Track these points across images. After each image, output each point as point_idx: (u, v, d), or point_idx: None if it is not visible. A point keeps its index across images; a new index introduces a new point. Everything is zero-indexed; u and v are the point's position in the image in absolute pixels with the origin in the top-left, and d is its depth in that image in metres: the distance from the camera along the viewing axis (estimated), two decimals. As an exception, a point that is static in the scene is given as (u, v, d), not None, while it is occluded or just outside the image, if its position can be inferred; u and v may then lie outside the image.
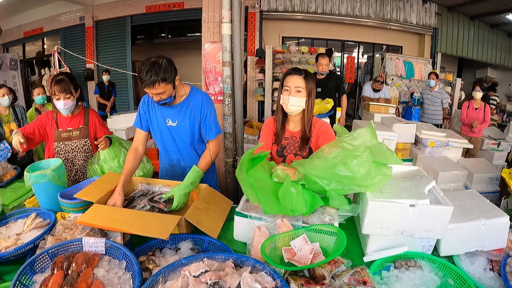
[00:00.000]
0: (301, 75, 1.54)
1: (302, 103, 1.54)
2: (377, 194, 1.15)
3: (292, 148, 1.64)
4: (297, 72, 1.56)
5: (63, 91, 1.88)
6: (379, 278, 1.07)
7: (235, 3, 2.48)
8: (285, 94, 1.55)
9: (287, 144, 1.65)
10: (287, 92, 1.54)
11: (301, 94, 1.53)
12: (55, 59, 4.97)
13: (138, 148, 1.74)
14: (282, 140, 1.66)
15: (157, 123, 1.72)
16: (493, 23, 7.47)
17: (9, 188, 1.80)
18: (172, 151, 1.78)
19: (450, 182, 2.49)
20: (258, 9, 6.38)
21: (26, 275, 0.99)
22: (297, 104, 1.53)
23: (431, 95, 4.90)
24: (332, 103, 2.98)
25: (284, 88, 1.56)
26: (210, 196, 1.46)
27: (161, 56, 1.51)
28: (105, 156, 1.91)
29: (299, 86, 1.53)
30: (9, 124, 3.04)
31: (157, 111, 1.71)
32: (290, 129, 1.67)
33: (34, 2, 7.31)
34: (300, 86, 1.53)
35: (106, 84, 6.07)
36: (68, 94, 1.90)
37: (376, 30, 7.10)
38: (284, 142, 1.66)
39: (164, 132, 1.73)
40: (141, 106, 1.75)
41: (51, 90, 1.90)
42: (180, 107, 1.68)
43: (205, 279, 0.88)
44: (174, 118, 1.70)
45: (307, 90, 1.54)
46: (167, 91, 1.53)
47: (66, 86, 1.88)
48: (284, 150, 1.65)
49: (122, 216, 1.22)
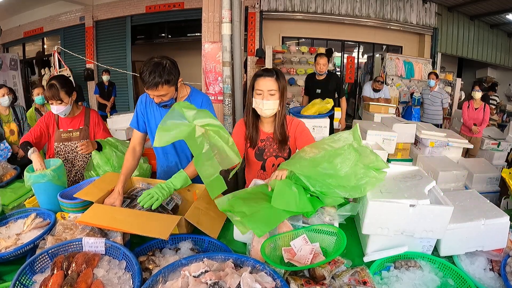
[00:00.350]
0: (273, 77, 1.49)
1: (276, 105, 1.51)
2: (377, 194, 1.14)
3: (271, 150, 1.62)
4: (268, 74, 1.50)
5: (52, 98, 1.85)
6: (379, 278, 1.07)
7: (235, 3, 2.49)
8: (257, 98, 1.50)
9: (264, 146, 1.63)
10: (260, 96, 1.49)
11: (275, 97, 1.49)
12: (55, 59, 4.98)
13: (136, 148, 1.71)
14: (258, 142, 1.62)
15: (156, 124, 1.67)
16: (493, 23, 7.48)
17: (9, 188, 1.80)
18: (170, 153, 1.76)
19: (450, 182, 2.49)
20: (258, 9, 6.38)
21: (26, 275, 0.99)
22: (271, 107, 1.50)
23: (431, 95, 4.90)
24: (332, 103, 2.98)
25: (256, 91, 1.51)
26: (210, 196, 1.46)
27: (164, 57, 1.47)
28: (97, 161, 1.89)
29: (272, 89, 1.48)
30: (9, 124, 3.04)
31: (155, 112, 1.68)
32: (265, 130, 1.63)
33: (34, 2, 7.31)
34: (273, 89, 1.48)
35: (106, 84, 6.06)
36: (58, 101, 1.87)
37: (376, 30, 7.11)
38: (260, 144, 1.63)
39: None
40: (138, 106, 1.71)
41: (46, 95, 1.90)
42: None
43: (205, 279, 0.87)
44: None
45: (280, 91, 1.50)
46: (169, 93, 1.50)
47: (55, 93, 1.85)
48: (264, 154, 1.62)
49: (122, 215, 1.21)
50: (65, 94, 1.89)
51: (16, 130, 3.06)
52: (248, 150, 1.66)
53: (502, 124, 6.16)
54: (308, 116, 2.83)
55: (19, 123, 3.11)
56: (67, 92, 1.91)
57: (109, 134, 2.15)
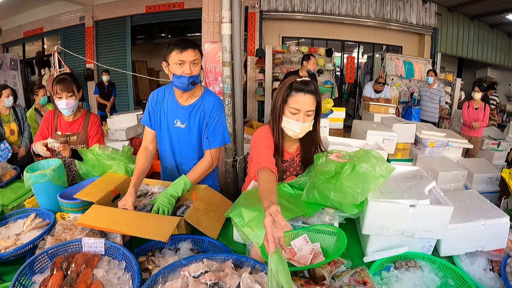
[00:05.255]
0: (313, 95, 1.27)
1: (311, 126, 1.32)
2: (377, 194, 1.14)
3: (291, 169, 1.49)
4: (308, 91, 1.26)
5: (65, 90, 1.85)
6: (379, 279, 1.07)
7: (235, 3, 2.48)
8: (291, 117, 1.28)
9: (286, 168, 1.48)
10: (295, 116, 1.28)
11: (311, 118, 1.30)
12: (55, 59, 4.96)
13: (149, 147, 1.64)
14: (281, 164, 1.44)
15: (167, 122, 1.62)
16: (493, 23, 7.47)
17: (8, 188, 1.79)
18: (177, 152, 1.69)
19: (450, 182, 2.49)
20: (258, 9, 6.38)
21: (26, 275, 0.98)
22: (307, 130, 1.32)
23: (430, 92, 4.92)
24: (332, 103, 2.99)
25: (290, 109, 1.28)
26: (210, 196, 1.46)
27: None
28: (83, 171, 1.78)
29: (311, 109, 1.28)
30: (9, 124, 3.04)
31: (166, 110, 1.60)
32: (290, 151, 1.47)
33: (34, 2, 7.31)
34: (312, 109, 1.28)
35: (106, 84, 6.07)
36: (70, 93, 1.87)
37: (376, 30, 7.11)
38: (282, 165, 1.46)
39: (173, 133, 1.63)
40: (150, 103, 1.62)
41: (53, 89, 1.87)
42: (191, 108, 1.58)
43: (204, 280, 0.87)
44: (183, 120, 1.59)
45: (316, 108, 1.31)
46: (199, 64, 1.45)
47: (69, 85, 1.86)
48: (284, 174, 1.49)
49: (122, 217, 1.21)
50: (76, 89, 1.91)
51: (16, 130, 3.07)
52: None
53: (502, 124, 6.16)
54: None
55: (19, 123, 3.11)
56: (77, 87, 1.93)
57: (102, 142, 2.05)
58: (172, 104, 1.60)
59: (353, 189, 1.08)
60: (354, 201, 1.09)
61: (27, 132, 3.17)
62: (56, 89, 1.85)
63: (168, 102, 1.60)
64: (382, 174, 1.09)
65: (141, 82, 8.93)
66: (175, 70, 1.44)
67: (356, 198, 1.08)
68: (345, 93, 8.25)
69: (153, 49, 8.92)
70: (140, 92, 9.01)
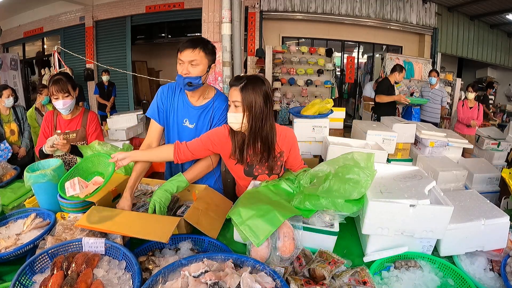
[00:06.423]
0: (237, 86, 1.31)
1: (239, 119, 1.32)
2: (377, 194, 1.14)
3: (263, 167, 1.48)
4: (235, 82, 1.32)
5: (61, 91, 1.88)
6: (379, 278, 1.07)
7: (235, 3, 2.49)
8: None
9: (252, 162, 1.47)
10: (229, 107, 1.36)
11: (239, 109, 1.32)
12: (55, 59, 4.97)
13: (152, 145, 1.57)
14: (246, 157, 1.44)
15: (176, 120, 1.57)
16: (493, 23, 7.48)
17: (9, 188, 1.79)
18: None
19: (450, 182, 2.49)
20: (258, 9, 6.39)
21: (26, 275, 0.98)
22: (234, 121, 1.33)
23: (432, 93, 4.92)
24: (332, 103, 2.98)
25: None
26: (210, 196, 1.46)
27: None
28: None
29: (236, 100, 1.31)
30: (9, 124, 3.04)
31: (177, 107, 1.56)
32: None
33: (34, 2, 7.32)
34: (237, 100, 1.31)
35: (106, 84, 6.07)
36: (66, 93, 1.90)
37: (376, 30, 7.12)
38: (248, 159, 1.45)
39: (182, 131, 1.59)
40: (160, 97, 1.56)
41: (49, 91, 1.91)
42: (202, 109, 1.55)
43: (205, 280, 0.87)
44: (192, 120, 1.56)
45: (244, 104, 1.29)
46: (200, 65, 1.39)
47: (64, 86, 1.88)
48: (254, 170, 1.49)
49: (121, 218, 1.20)
50: (71, 88, 1.94)
51: (17, 130, 3.06)
52: (235, 166, 1.50)
53: (502, 124, 6.16)
54: (308, 116, 2.82)
55: (19, 123, 3.11)
56: (73, 86, 1.96)
57: (101, 139, 2.06)
58: (183, 103, 1.57)
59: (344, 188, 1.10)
60: (349, 196, 1.10)
61: (27, 132, 3.17)
62: (52, 90, 1.88)
63: (179, 100, 1.57)
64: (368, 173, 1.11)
65: (141, 82, 8.95)
66: (177, 69, 1.45)
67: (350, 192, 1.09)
68: (345, 93, 8.25)
69: (153, 49, 8.93)
70: (140, 92, 9.02)
